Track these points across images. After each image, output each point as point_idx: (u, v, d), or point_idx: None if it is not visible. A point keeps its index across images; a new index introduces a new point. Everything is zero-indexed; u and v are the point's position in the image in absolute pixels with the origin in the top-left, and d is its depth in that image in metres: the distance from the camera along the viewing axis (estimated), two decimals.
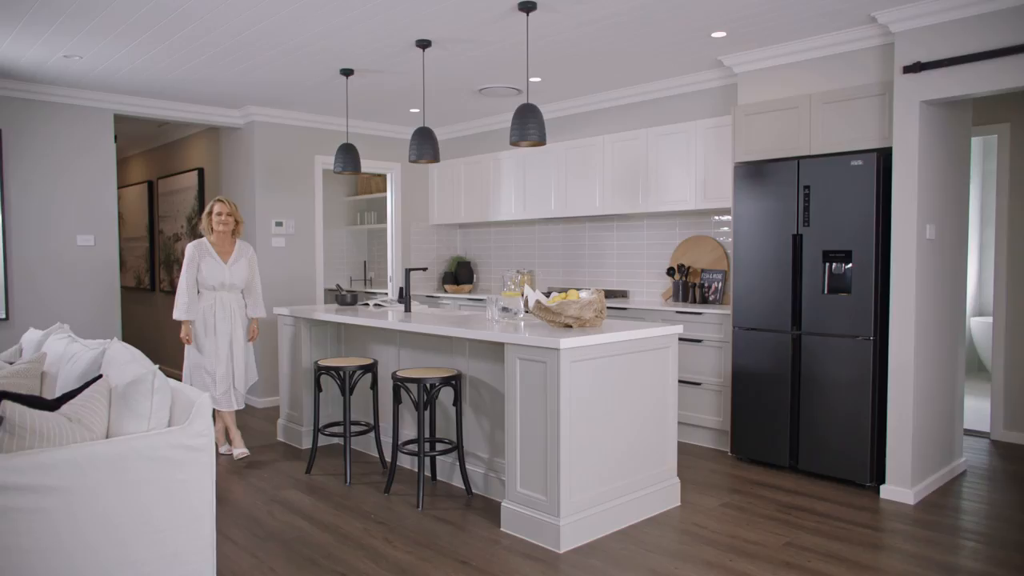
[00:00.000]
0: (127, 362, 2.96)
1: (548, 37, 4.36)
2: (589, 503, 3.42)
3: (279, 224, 6.53)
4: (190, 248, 4.70)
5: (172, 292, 7.89)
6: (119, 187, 9.29)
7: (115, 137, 5.94)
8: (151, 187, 8.34)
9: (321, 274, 6.88)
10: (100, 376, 2.93)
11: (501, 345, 3.73)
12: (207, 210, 4.79)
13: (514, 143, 3.85)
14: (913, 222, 3.87)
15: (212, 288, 4.70)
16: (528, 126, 3.75)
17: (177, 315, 4.66)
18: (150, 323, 8.65)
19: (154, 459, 2.69)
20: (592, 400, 3.43)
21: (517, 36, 4.30)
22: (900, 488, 3.92)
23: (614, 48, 4.64)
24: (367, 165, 7.05)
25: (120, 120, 6.34)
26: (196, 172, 7.29)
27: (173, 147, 7.92)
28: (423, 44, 4.41)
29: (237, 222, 4.83)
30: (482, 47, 4.57)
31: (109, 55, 4.71)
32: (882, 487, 3.99)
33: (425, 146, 4.50)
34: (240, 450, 4.82)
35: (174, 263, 7.86)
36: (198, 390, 2.91)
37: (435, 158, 4.57)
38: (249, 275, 4.84)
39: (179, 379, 7.90)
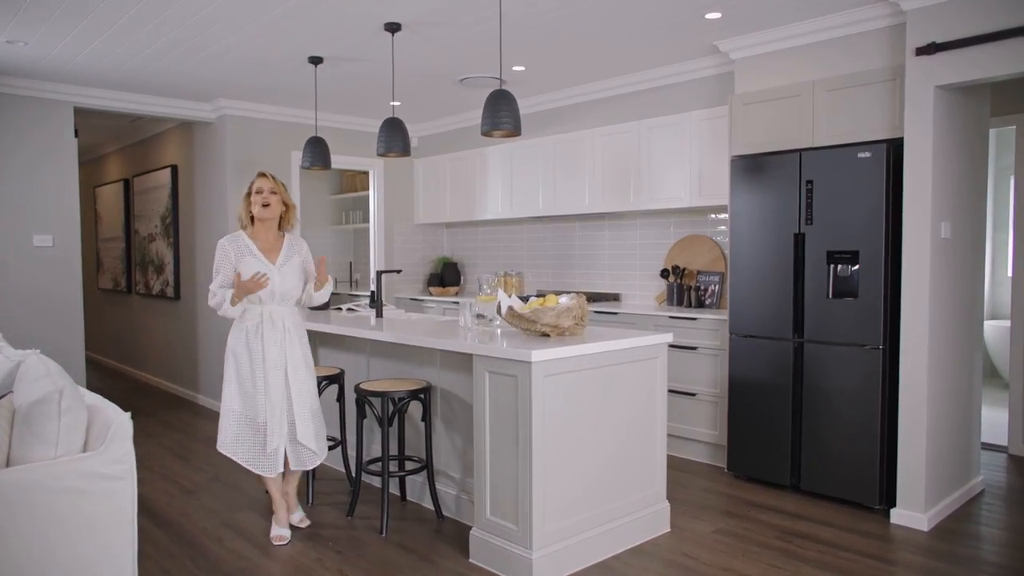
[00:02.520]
0: (39, 378, 2.61)
1: (528, 19, 4.01)
2: (566, 533, 3.07)
3: None
4: (223, 244, 3.38)
5: (148, 295, 7.57)
6: (96, 185, 8.99)
7: (76, 132, 5.60)
8: (127, 185, 8.02)
9: None
10: (8, 394, 2.60)
11: (471, 356, 3.38)
12: (246, 191, 3.47)
13: (486, 133, 3.50)
14: (927, 219, 3.51)
15: (257, 301, 3.36)
16: (501, 114, 3.41)
17: (225, 310, 3.36)
18: (128, 327, 8.33)
19: (60, 491, 2.35)
20: (569, 418, 3.08)
21: (495, 20, 3.95)
22: (913, 513, 3.56)
23: (600, 33, 4.29)
24: (348, 162, 6.72)
25: (90, 115, 6.02)
26: (169, 169, 6.96)
27: (147, 144, 7.60)
28: (392, 27, 4.07)
29: (287, 206, 3.49)
30: (458, 31, 4.22)
31: (56, 40, 4.38)
32: (892, 511, 3.63)
33: (394, 138, 4.15)
34: (281, 530, 3.47)
35: (148, 265, 7.53)
36: (124, 417, 2.56)
37: (405, 151, 4.22)
38: (305, 280, 3.54)
39: (162, 388, 7.58)
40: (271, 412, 3.30)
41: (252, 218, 3.45)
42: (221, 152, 6.14)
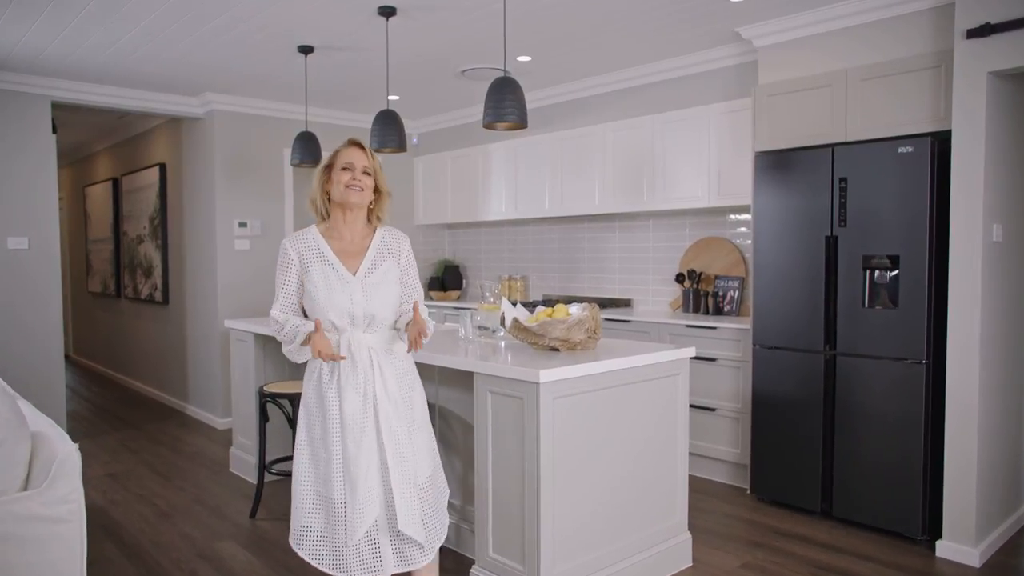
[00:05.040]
0: None
1: (534, 4, 3.68)
2: (578, 573, 2.73)
3: (243, 225, 5.86)
4: (284, 246, 2.43)
5: (137, 299, 7.25)
6: (86, 185, 8.69)
7: (54, 127, 5.28)
8: (116, 185, 7.69)
9: None
10: None
11: (470, 373, 3.04)
12: (325, 162, 2.47)
13: (488, 125, 3.17)
14: (977, 221, 3.16)
15: (331, 327, 2.35)
16: (505, 104, 3.07)
17: (290, 352, 2.40)
18: (117, 332, 8.02)
19: None
20: (581, 444, 2.74)
21: (498, 3, 3.61)
22: (962, 546, 3.20)
23: (612, 19, 3.94)
24: None
25: (71, 110, 5.72)
26: (158, 168, 6.64)
27: (136, 141, 7.27)
28: (386, 12, 3.73)
29: (379, 192, 2.47)
30: (457, 17, 3.89)
31: (22, 27, 4.05)
32: (938, 543, 3.28)
33: (388, 132, 3.82)
34: None
35: (137, 267, 7.21)
36: (71, 448, 2.22)
37: (400, 147, 3.89)
38: (400, 289, 2.48)
39: (151, 397, 7.20)
40: (351, 489, 2.28)
41: (330, 200, 2.44)
42: (210, 149, 5.81)
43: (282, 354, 4.41)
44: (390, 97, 5.78)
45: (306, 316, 2.45)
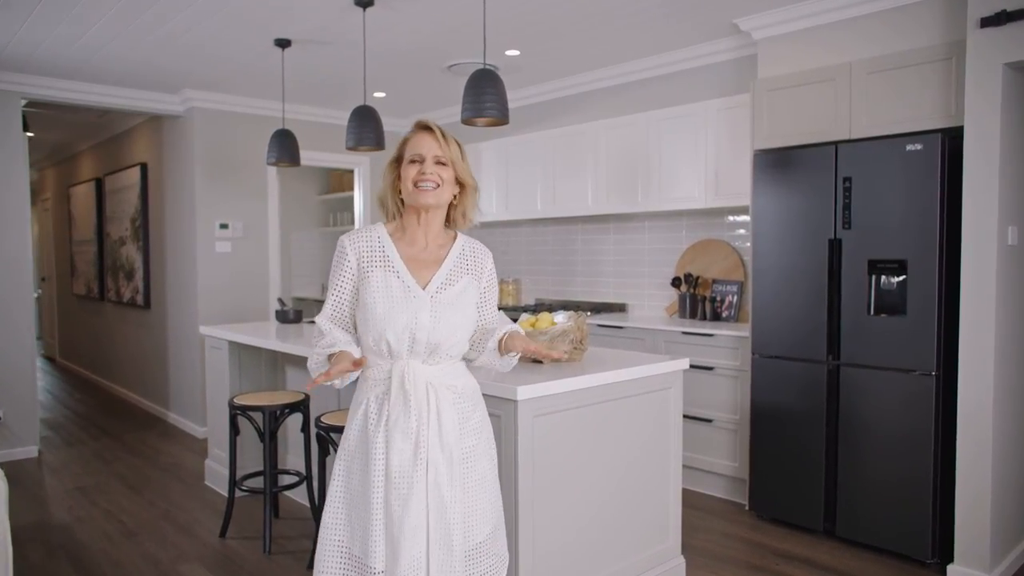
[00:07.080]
0: None
1: None
2: None
3: (224, 226, 5.65)
4: (342, 243, 1.97)
5: (119, 303, 7.06)
6: (70, 185, 8.51)
7: (25, 124, 5.08)
8: (99, 185, 7.50)
9: (276, 284, 6.00)
10: None
11: None
12: (394, 154, 1.99)
13: (467, 121, 2.96)
14: (992, 223, 2.95)
15: (386, 350, 1.89)
16: (484, 99, 2.87)
17: (314, 367, 1.94)
18: (101, 336, 7.82)
19: None
20: (564, 465, 2.53)
21: None
22: (975, 571, 2.99)
23: (604, 12, 3.74)
24: (329, 159, 6.21)
25: (46, 107, 5.53)
26: (139, 168, 6.44)
27: (118, 140, 7.08)
28: (363, 1, 3.53)
29: (463, 186, 1.99)
30: (439, 7, 3.68)
31: None
32: (949, 567, 3.07)
33: (365, 130, 3.62)
34: None
35: (119, 270, 7.01)
36: None
37: (378, 145, 3.69)
38: (475, 315, 2.01)
39: (132, 403, 6.95)
40: (394, 558, 1.82)
41: (403, 199, 1.96)
42: (190, 148, 5.61)
43: (256, 360, 4.22)
44: (376, 94, 5.58)
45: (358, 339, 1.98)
